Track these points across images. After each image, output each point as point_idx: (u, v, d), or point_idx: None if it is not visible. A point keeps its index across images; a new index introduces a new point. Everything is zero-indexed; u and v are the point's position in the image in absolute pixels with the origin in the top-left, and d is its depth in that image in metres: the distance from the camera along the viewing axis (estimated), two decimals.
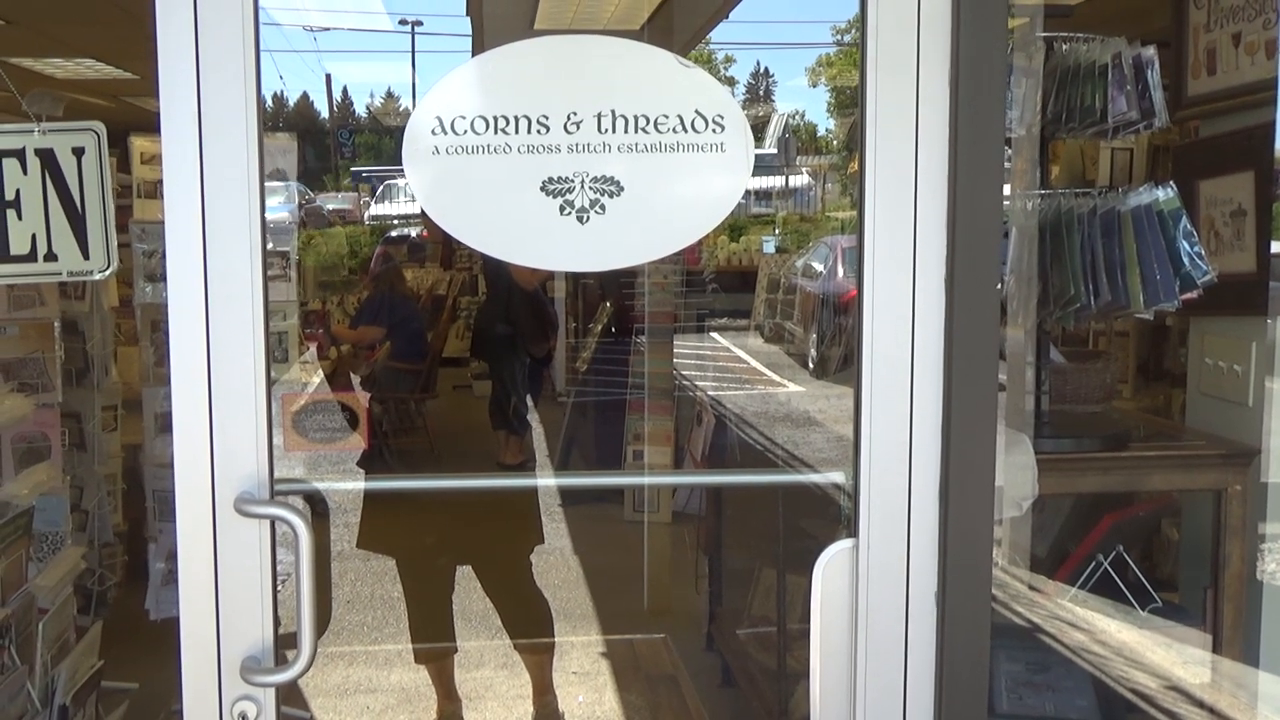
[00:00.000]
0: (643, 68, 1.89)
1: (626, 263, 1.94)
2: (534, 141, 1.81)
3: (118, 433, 4.68)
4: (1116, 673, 2.48)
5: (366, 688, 4.67)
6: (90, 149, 1.78)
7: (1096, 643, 2.54)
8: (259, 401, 1.78)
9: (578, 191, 1.82)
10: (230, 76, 1.73)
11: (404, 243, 10.52)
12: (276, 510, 1.77)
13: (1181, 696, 2.44)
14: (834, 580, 1.91)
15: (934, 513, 1.88)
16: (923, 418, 1.86)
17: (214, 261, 1.75)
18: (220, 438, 1.78)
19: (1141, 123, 2.50)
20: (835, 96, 21.19)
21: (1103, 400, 2.81)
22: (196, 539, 1.79)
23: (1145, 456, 2.68)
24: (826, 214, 16.67)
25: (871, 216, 1.84)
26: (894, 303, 1.85)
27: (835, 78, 21.35)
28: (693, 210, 1.89)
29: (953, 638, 1.88)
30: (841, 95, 21.17)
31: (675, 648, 4.91)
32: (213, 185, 1.74)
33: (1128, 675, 2.49)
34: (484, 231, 1.85)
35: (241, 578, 1.81)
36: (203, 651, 1.81)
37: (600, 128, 1.82)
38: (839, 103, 20.84)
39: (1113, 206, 2.46)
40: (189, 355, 1.76)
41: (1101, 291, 2.41)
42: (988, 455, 1.86)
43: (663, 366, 6.33)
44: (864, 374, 1.86)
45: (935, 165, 1.83)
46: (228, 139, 1.74)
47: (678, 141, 1.84)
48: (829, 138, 20.78)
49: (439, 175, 1.82)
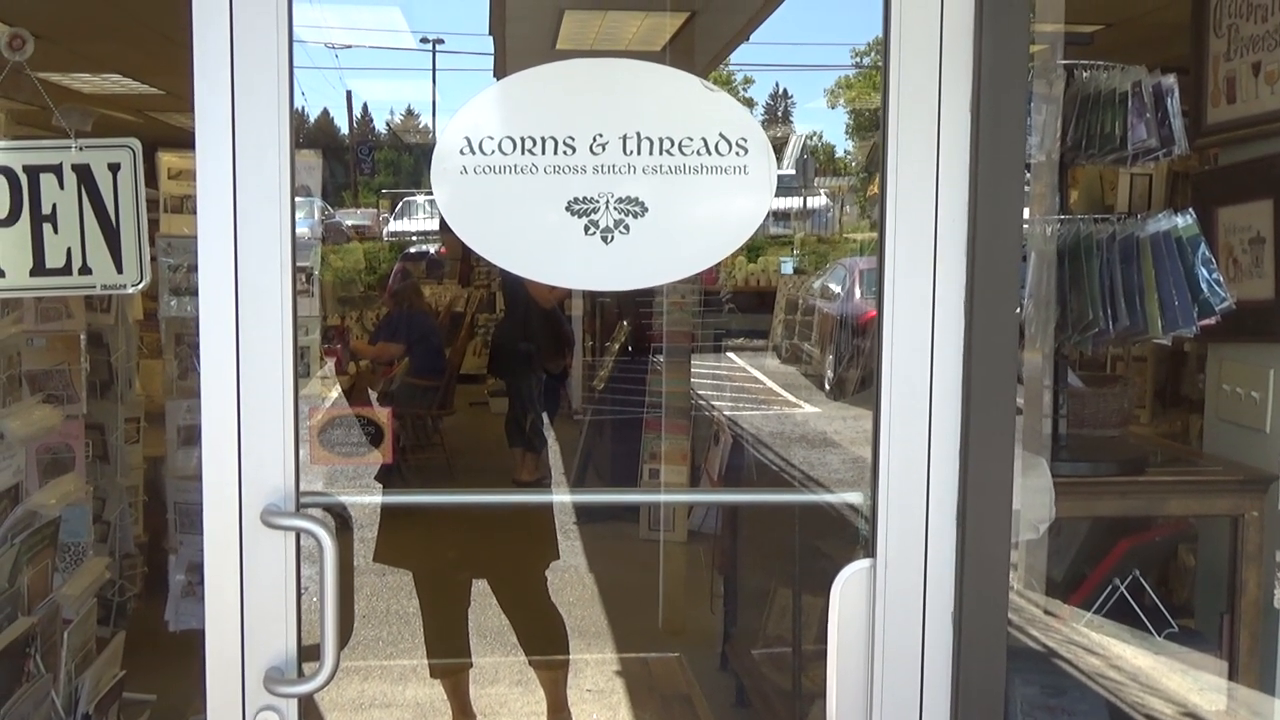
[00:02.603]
0: (668, 91, 1.92)
1: (650, 282, 1.97)
2: (560, 162, 1.84)
3: (140, 445, 4.71)
4: (1132, 698, 2.48)
5: (382, 702, 4.67)
6: (126, 165, 1.82)
7: (1112, 667, 2.54)
8: (286, 415, 1.81)
9: (602, 212, 1.85)
10: (265, 99, 1.76)
11: (423, 259, 10.56)
12: (302, 523, 1.80)
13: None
14: (851, 600, 1.92)
15: (951, 534, 1.89)
16: (941, 439, 1.88)
17: (245, 277, 1.78)
18: (248, 450, 1.81)
19: (1161, 150, 2.51)
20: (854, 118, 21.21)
21: (1120, 425, 2.82)
22: (223, 550, 1.82)
23: (1162, 481, 2.69)
24: (844, 235, 16.66)
25: (892, 239, 1.86)
26: (914, 325, 1.87)
27: (854, 100, 21.38)
28: (715, 231, 1.92)
29: (969, 659, 1.89)
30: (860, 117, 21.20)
31: (690, 667, 4.90)
32: (246, 204, 1.77)
33: (1143, 701, 2.49)
34: (510, 250, 1.88)
35: (267, 589, 1.83)
36: (227, 661, 1.84)
37: (625, 149, 1.85)
38: (858, 125, 20.86)
39: (1132, 233, 2.48)
40: (219, 368, 1.79)
41: (1120, 317, 2.43)
42: (1006, 477, 1.87)
43: (680, 386, 6.33)
44: (883, 395, 1.88)
45: (956, 189, 1.85)
46: (261, 160, 1.77)
47: (701, 164, 1.87)
48: (847, 160, 20.79)
49: (466, 194, 1.85)
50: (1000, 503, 1.88)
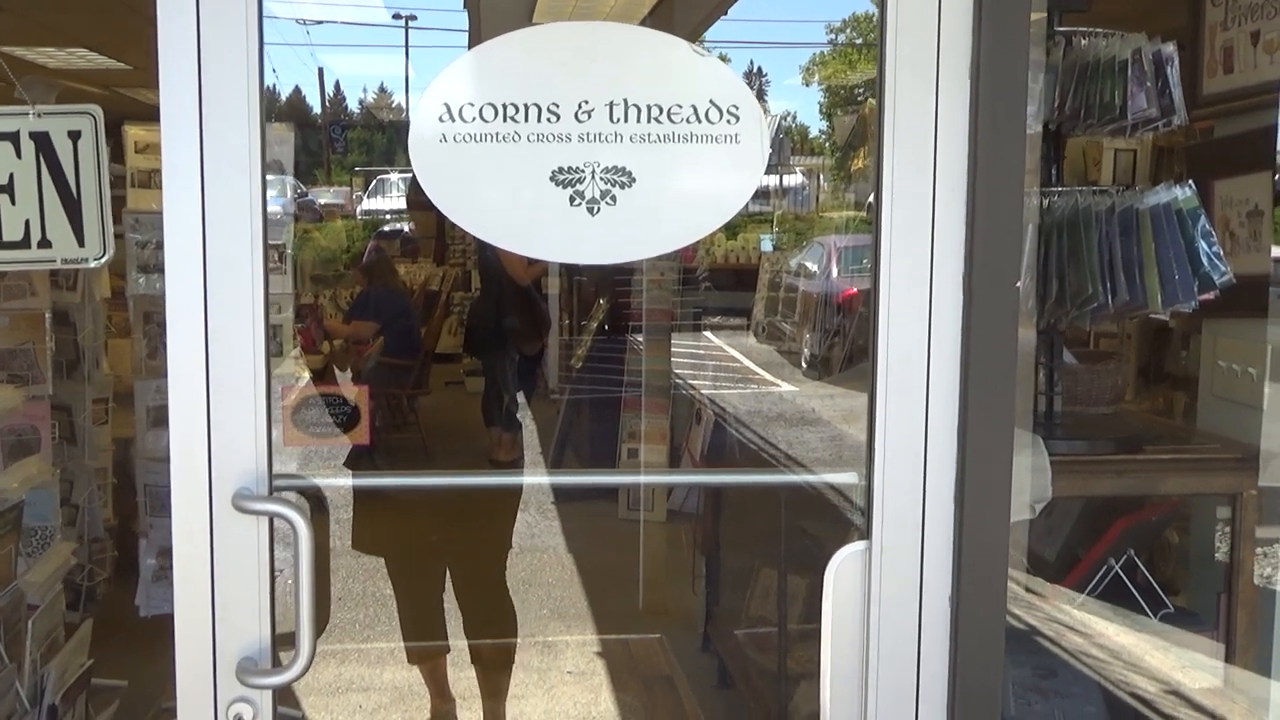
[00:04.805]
0: (656, 56, 1.84)
1: (638, 256, 1.89)
2: (543, 130, 1.77)
3: (109, 426, 4.61)
4: (1125, 679, 2.44)
5: (359, 686, 4.62)
6: (87, 133, 1.73)
7: (1105, 649, 2.49)
8: (259, 395, 1.73)
9: (588, 182, 1.77)
10: (233, 66, 1.68)
11: (397, 237, 10.45)
12: (275, 507, 1.72)
13: (1190, 704, 2.40)
14: (845, 583, 1.86)
15: (949, 515, 1.83)
16: (939, 418, 1.82)
17: (214, 251, 1.70)
18: (218, 432, 1.73)
19: (1161, 120, 2.45)
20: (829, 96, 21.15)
21: (1112, 402, 2.77)
22: (193, 536, 1.74)
23: (1160, 460, 2.63)
24: (821, 213, 16.63)
25: (889, 212, 1.80)
26: (910, 300, 1.81)
27: (829, 77, 21.31)
28: (706, 203, 1.84)
29: (967, 643, 1.84)
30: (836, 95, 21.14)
31: (671, 648, 4.86)
32: (213, 175, 1.69)
33: (1136, 682, 2.45)
34: (491, 222, 1.80)
35: (239, 576, 1.76)
36: (198, 652, 1.76)
37: (612, 117, 1.77)
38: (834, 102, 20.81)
39: (1131, 205, 2.41)
40: (187, 347, 1.71)
41: (1119, 291, 2.37)
42: (1005, 457, 1.82)
43: (659, 364, 6.29)
44: (879, 373, 1.82)
45: (955, 160, 1.78)
46: (230, 129, 1.68)
47: (691, 132, 1.79)
48: (821, 139, 20.74)
49: (445, 164, 1.77)
50: (999, 483, 1.82)
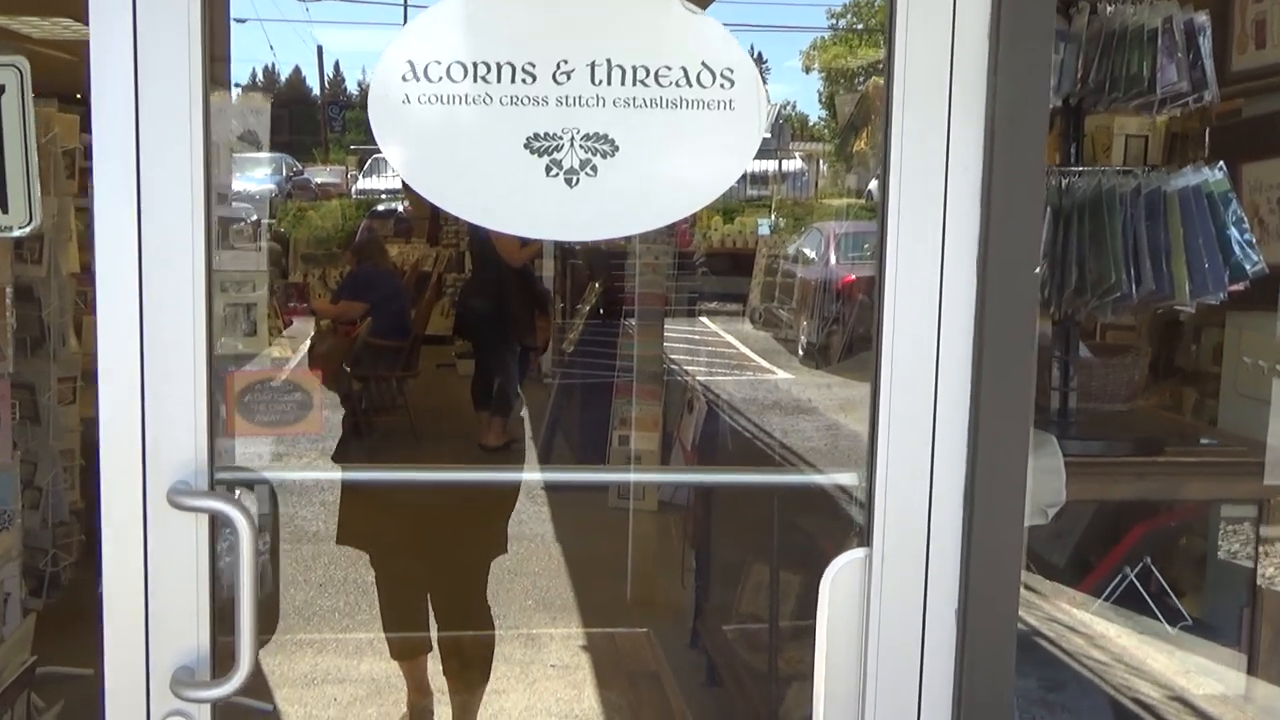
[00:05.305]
0: (643, 12, 1.67)
1: (620, 232, 1.73)
2: (518, 92, 1.60)
3: (76, 406, 4.45)
4: (1138, 694, 2.29)
5: (335, 678, 4.49)
6: (11, 87, 1.56)
7: (1118, 661, 2.34)
8: (199, 380, 1.57)
9: (566, 150, 1.61)
10: (171, 12, 1.51)
11: (390, 217, 10.32)
12: (214, 504, 1.56)
13: None
14: (843, 594, 1.70)
15: (957, 521, 1.68)
16: (948, 415, 1.66)
17: (149, 219, 1.53)
18: (153, 420, 1.56)
19: (1191, 95, 2.28)
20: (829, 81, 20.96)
21: (1128, 399, 2.60)
22: (123, 535, 1.58)
23: (1183, 462, 2.46)
24: (820, 200, 16.48)
25: (896, 190, 1.64)
26: (919, 287, 1.65)
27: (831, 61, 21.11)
28: (696, 175, 1.68)
29: (974, 660, 1.69)
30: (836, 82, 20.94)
31: (659, 643, 4.73)
32: (149, 137, 1.52)
33: (1151, 697, 2.29)
34: (458, 193, 1.63)
35: (175, 579, 1.60)
36: (128, 660, 1.61)
37: (594, 79, 1.61)
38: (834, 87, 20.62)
39: (1158, 186, 2.24)
40: (117, 325, 1.55)
41: (1144, 280, 2.19)
42: (1019, 458, 1.66)
43: (652, 350, 6.17)
44: (883, 365, 1.66)
45: (970, 133, 1.63)
46: (168, 88, 1.52)
47: (681, 97, 1.63)
48: (820, 125, 20.55)
49: (409, 127, 1.61)
50: (1013, 486, 1.67)
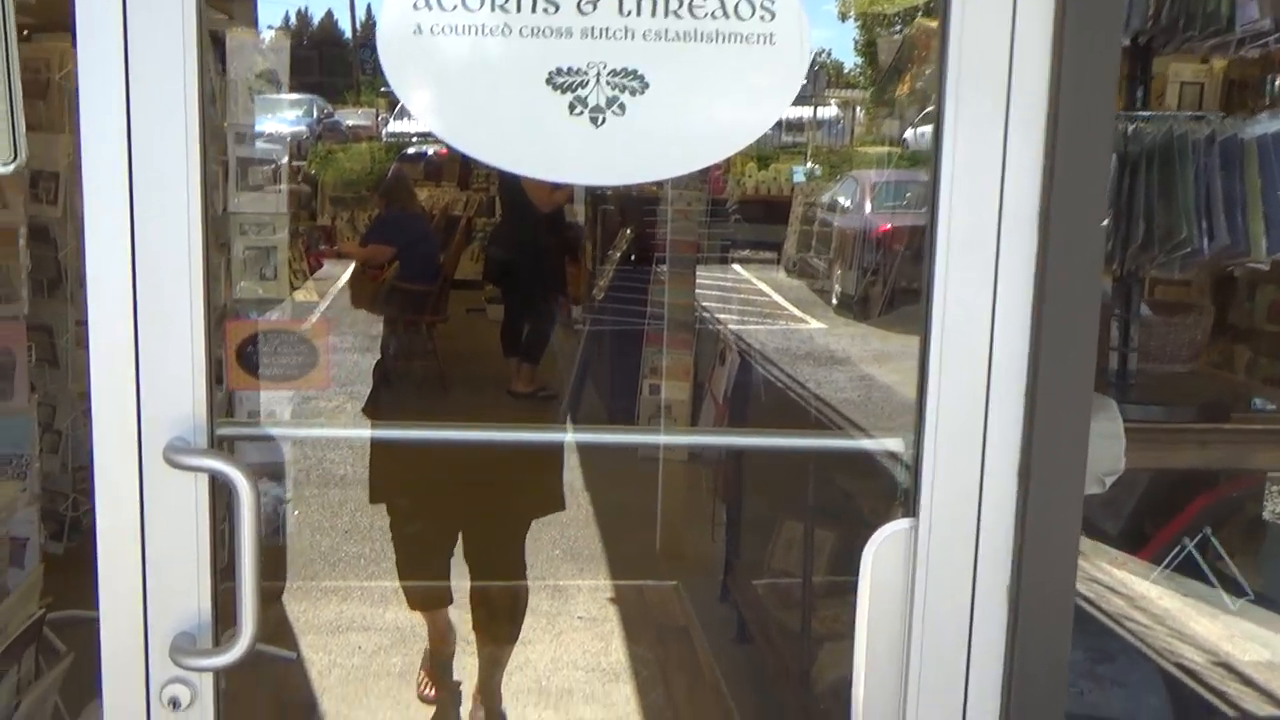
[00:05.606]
0: None
1: (649, 177, 1.61)
2: (540, 23, 1.47)
3: None
4: (1195, 669, 2.17)
5: (360, 625, 4.45)
6: None
7: (1176, 633, 2.22)
8: (196, 330, 1.46)
9: (592, 86, 1.48)
10: None
11: (420, 160, 10.20)
12: (213, 463, 1.46)
13: (1275, 701, 2.13)
14: (886, 566, 1.59)
15: (1011, 491, 1.56)
16: (1003, 378, 1.54)
17: (140, 156, 1.42)
18: (147, 372, 1.46)
19: (1273, 35, 2.11)
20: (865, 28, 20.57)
21: (1190, 360, 2.45)
22: (118, 495, 1.49)
23: (1252, 430, 2.31)
24: (856, 147, 16.21)
25: (951, 136, 1.51)
26: (974, 241, 1.52)
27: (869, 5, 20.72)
28: (732, 115, 1.55)
29: (1027, 640, 1.57)
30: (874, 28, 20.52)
31: (688, 597, 4.65)
32: (139, 71, 1.41)
33: (1207, 672, 2.17)
34: (473, 130, 1.51)
35: (173, 541, 1.51)
36: (126, 627, 1.52)
37: (622, 9, 1.48)
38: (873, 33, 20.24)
39: (1234, 134, 2.07)
40: (109, 272, 1.44)
41: (1218, 234, 2.04)
42: (1081, 424, 1.54)
43: (683, 298, 6.05)
44: (933, 325, 1.54)
45: (1033, 73, 1.49)
46: (158, 14, 1.40)
47: (717, 30, 1.49)
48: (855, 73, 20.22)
49: (421, 60, 1.48)
50: (1074, 453, 1.55)
